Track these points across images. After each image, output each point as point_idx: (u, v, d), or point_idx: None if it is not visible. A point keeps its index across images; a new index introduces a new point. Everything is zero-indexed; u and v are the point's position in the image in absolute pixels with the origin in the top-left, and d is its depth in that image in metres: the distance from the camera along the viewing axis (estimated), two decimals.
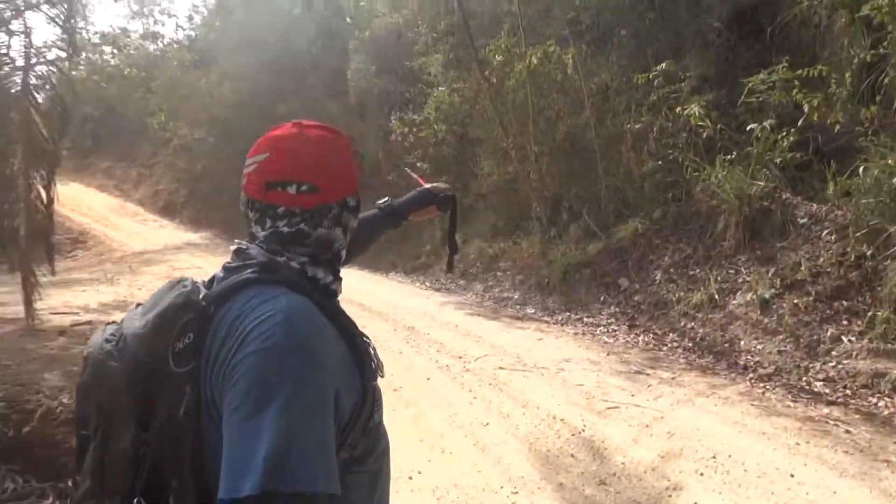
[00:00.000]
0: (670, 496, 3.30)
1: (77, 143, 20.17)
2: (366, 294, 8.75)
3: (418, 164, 11.60)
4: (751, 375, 5.00)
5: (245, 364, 0.90)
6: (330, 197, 1.11)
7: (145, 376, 0.97)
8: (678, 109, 7.38)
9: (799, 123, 6.20)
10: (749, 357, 5.30)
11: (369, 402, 1.09)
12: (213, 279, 1.10)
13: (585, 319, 7.06)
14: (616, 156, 8.38)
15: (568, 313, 7.38)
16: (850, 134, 5.91)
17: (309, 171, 1.08)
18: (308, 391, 0.90)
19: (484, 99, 9.88)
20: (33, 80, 5.43)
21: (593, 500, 3.27)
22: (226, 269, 1.09)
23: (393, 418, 4.34)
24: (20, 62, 5.88)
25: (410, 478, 3.54)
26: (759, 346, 5.35)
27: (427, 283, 9.94)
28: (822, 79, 6.16)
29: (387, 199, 1.67)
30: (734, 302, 5.93)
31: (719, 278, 6.23)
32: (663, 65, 7.74)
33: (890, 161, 5.16)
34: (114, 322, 1.09)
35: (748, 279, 5.96)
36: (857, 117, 5.91)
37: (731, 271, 6.27)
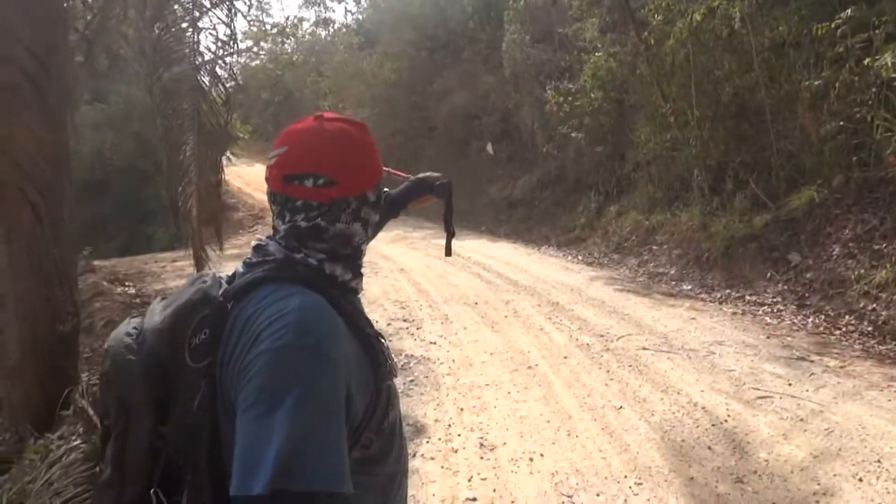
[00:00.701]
0: (818, 502, 2.94)
1: (260, 127, 22.04)
2: (514, 268, 8.74)
3: (573, 135, 11.28)
4: None
5: (258, 363, 0.90)
6: (348, 191, 1.09)
7: (162, 371, 1.00)
8: (867, 61, 6.43)
9: None
10: None
11: (383, 402, 1.07)
12: (234, 275, 1.11)
13: (748, 297, 6.49)
14: (790, 117, 7.52)
15: (728, 290, 6.83)
16: None
17: (326, 164, 1.06)
18: (319, 391, 0.89)
19: (642, 62, 9.32)
20: (205, 75, 6.02)
21: (725, 500, 2.99)
22: (246, 264, 1.10)
23: (524, 397, 4.33)
24: (208, 56, 6.56)
25: (531, 460, 3.47)
26: None
27: (580, 257, 9.69)
28: None
29: (385, 190, 1.65)
30: None
31: None
32: (849, 11, 6.76)
33: None
34: (137, 315, 1.15)
35: None
36: None
37: None
